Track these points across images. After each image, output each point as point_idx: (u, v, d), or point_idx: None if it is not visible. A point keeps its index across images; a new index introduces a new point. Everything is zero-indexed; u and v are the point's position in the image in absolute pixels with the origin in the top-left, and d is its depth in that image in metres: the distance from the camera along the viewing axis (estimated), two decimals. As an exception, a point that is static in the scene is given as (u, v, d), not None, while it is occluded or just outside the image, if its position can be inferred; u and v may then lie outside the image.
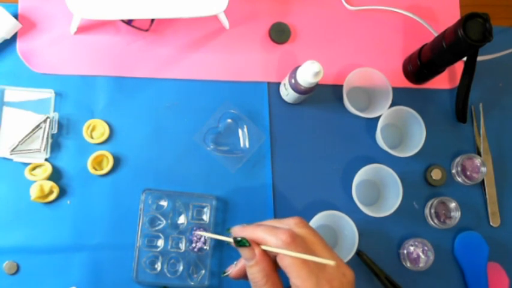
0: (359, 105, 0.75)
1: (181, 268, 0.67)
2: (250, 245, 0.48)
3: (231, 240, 0.50)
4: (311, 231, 0.49)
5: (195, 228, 0.68)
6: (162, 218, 0.68)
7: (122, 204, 0.68)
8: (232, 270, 0.54)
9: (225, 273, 0.55)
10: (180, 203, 0.68)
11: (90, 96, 0.71)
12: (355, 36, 0.78)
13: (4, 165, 0.67)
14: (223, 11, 0.68)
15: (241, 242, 0.48)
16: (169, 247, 0.67)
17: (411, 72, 0.76)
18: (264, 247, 0.48)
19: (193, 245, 0.67)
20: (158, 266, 0.67)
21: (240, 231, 0.51)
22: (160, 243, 0.67)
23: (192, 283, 0.67)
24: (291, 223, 0.50)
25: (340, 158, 0.74)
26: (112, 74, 0.71)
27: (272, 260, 0.49)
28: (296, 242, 0.46)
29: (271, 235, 0.47)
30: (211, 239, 0.68)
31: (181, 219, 0.68)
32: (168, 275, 0.67)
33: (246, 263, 0.49)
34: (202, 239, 0.67)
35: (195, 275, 0.67)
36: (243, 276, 0.52)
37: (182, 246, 0.68)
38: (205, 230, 0.68)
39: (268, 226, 0.49)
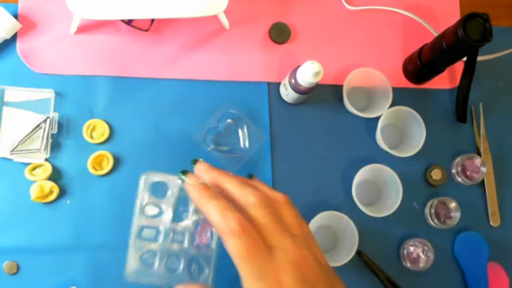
0: (359, 105, 0.75)
1: (181, 267, 0.66)
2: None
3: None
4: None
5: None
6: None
7: (122, 205, 0.68)
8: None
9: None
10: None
11: (90, 96, 0.71)
12: (355, 36, 0.78)
13: (4, 165, 0.67)
14: (223, 11, 0.68)
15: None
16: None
17: (411, 72, 0.76)
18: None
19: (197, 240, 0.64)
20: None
21: (204, 172, 0.47)
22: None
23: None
24: (277, 196, 0.44)
25: (340, 158, 0.74)
26: (112, 74, 0.71)
27: None
28: (268, 206, 0.40)
29: (240, 194, 0.40)
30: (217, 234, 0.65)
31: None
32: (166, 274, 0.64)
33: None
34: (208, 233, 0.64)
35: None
36: None
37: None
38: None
39: (241, 181, 0.43)
